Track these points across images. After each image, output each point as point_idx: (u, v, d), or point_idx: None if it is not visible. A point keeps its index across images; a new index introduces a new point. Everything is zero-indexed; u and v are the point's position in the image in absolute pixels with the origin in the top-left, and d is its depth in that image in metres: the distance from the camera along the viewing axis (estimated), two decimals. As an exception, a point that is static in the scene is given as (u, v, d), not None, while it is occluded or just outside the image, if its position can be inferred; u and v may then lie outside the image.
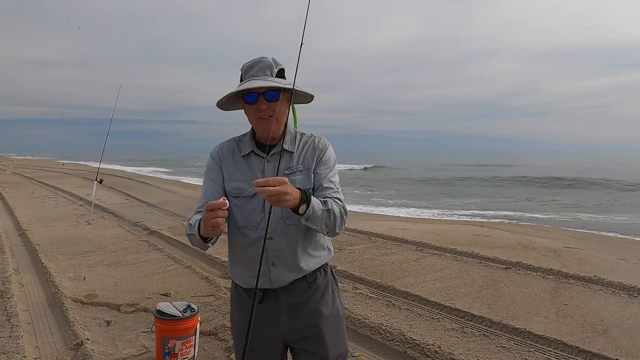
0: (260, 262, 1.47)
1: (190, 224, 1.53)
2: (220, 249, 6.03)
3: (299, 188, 1.41)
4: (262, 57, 1.57)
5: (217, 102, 1.64)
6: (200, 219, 1.44)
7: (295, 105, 1.66)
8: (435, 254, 5.73)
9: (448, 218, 12.14)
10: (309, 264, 1.60)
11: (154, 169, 44.40)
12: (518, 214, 13.54)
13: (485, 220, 11.33)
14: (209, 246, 1.52)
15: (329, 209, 1.47)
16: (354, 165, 51.69)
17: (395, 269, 5.04)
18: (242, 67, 1.59)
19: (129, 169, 37.35)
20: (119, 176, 22.68)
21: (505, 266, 5.09)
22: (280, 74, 1.59)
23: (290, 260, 1.57)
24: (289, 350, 1.72)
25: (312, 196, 1.44)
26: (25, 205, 10.67)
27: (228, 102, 1.65)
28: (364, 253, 5.82)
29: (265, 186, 1.27)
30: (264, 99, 1.52)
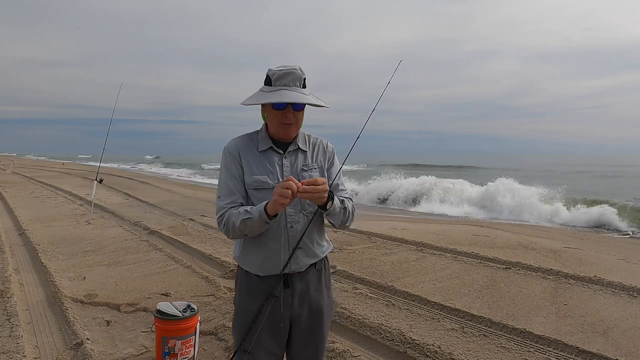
0: (294, 248, 1.71)
1: (238, 211, 1.66)
2: (219, 249, 6.03)
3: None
4: (293, 68, 1.68)
5: (244, 103, 1.73)
6: (267, 203, 1.59)
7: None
8: (435, 254, 5.73)
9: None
10: (320, 251, 1.84)
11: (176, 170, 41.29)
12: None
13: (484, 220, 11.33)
14: (269, 225, 1.64)
15: (346, 207, 1.76)
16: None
17: (395, 269, 5.04)
18: (273, 74, 1.68)
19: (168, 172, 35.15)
20: (119, 176, 22.67)
21: (505, 266, 5.09)
22: (304, 83, 1.72)
23: (308, 247, 1.77)
24: None
25: (334, 195, 1.70)
26: (25, 204, 10.67)
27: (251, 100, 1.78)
28: (364, 253, 5.82)
29: (313, 185, 1.54)
30: (292, 109, 1.69)
